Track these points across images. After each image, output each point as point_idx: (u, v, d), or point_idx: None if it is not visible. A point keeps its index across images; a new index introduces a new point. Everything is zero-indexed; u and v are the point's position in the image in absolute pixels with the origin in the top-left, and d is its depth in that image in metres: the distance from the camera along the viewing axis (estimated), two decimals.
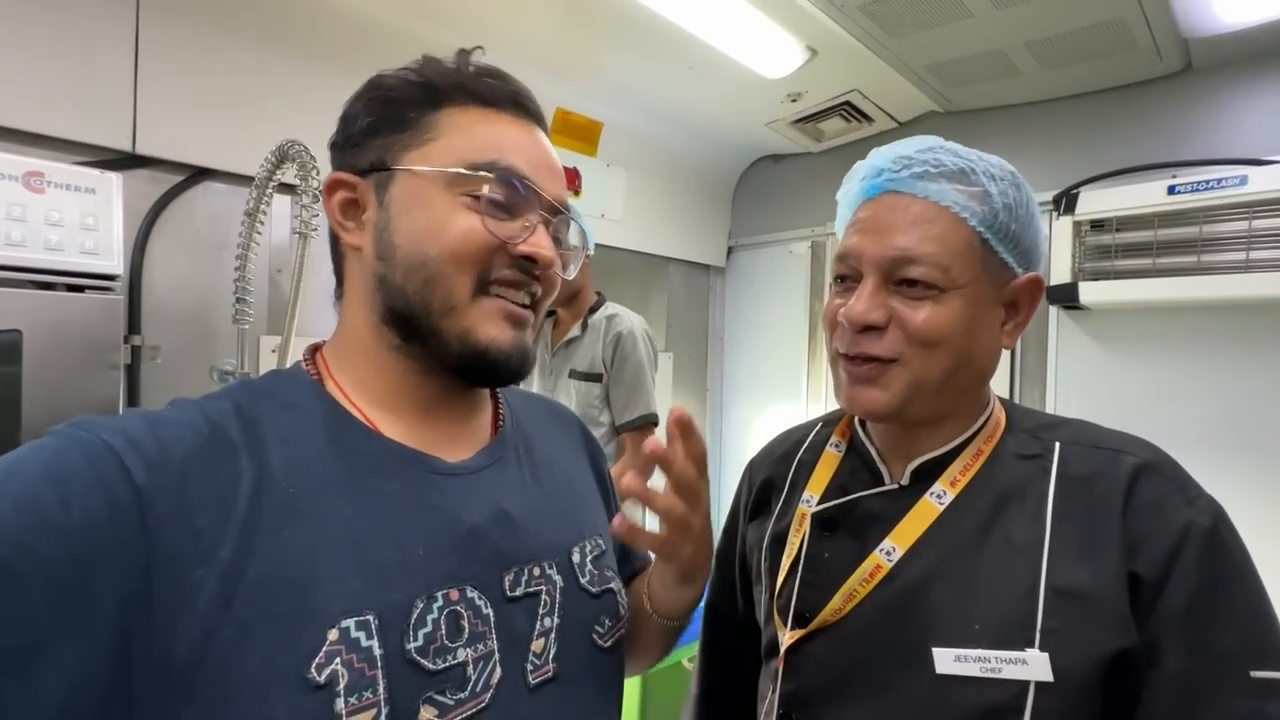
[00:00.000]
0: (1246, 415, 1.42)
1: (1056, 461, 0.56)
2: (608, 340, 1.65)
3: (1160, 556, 0.49)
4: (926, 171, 0.57)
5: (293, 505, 0.41)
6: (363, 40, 1.38)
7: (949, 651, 0.51)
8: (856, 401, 0.58)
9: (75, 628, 0.34)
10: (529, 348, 0.51)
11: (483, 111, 0.50)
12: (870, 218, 0.58)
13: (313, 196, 1.11)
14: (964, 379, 0.57)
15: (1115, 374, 1.58)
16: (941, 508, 0.57)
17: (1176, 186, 1.40)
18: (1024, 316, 0.59)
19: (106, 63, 1.16)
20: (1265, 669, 0.47)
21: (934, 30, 1.43)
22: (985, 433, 0.60)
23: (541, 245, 0.49)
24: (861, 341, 0.56)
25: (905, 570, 0.56)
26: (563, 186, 0.54)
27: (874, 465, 0.63)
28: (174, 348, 1.27)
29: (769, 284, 2.36)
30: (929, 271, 0.54)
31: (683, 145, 2.15)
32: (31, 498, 0.34)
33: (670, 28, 1.45)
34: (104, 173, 0.97)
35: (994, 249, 0.56)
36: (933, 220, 0.55)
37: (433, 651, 0.42)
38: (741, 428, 2.43)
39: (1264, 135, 1.42)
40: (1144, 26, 1.35)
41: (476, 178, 0.48)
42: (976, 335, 0.56)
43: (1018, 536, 0.54)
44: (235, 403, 0.45)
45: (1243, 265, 1.35)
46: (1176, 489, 0.52)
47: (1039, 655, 0.49)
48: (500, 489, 0.51)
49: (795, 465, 0.71)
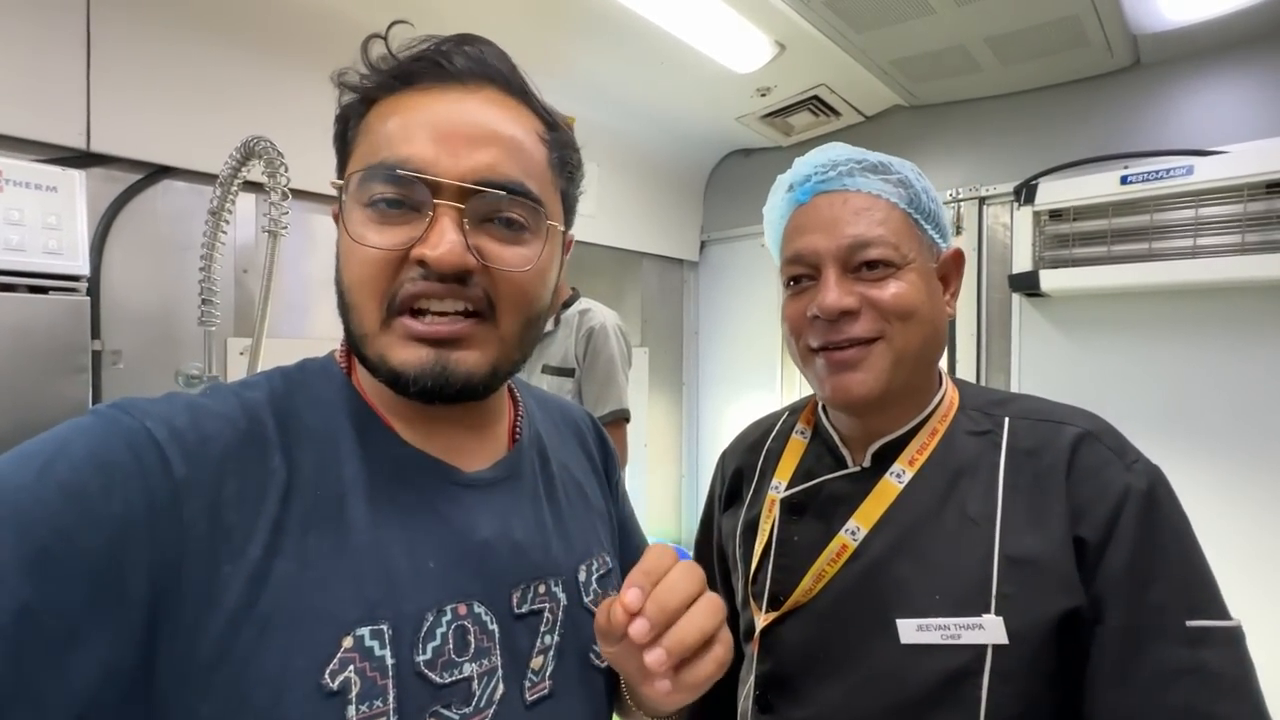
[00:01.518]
0: (1195, 395, 1.49)
1: (1006, 436, 0.59)
2: (580, 335, 1.65)
3: (1101, 520, 0.52)
4: (852, 169, 0.61)
5: (319, 508, 0.41)
6: (328, 33, 1.35)
7: (912, 622, 0.54)
8: (841, 390, 0.59)
9: (108, 618, 0.33)
10: (452, 368, 0.42)
11: (398, 98, 0.44)
12: (812, 219, 0.61)
13: (281, 194, 1.08)
14: (932, 349, 0.61)
15: (1075, 357, 1.65)
16: (901, 486, 0.60)
17: (1129, 177, 1.46)
18: (955, 287, 0.64)
19: (56, 57, 1.11)
20: (1199, 618, 0.50)
21: (898, 26, 1.47)
22: (940, 412, 0.63)
23: (435, 244, 0.40)
24: (841, 327, 0.58)
25: (869, 548, 0.58)
26: (490, 155, 0.43)
27: (837, 450, 0.66)
28: (137, 352, 1.23)
29: (742, 277, 2.38)
30: (885, 251, 0.58)
31: (654, 140, 2.16)
32: (78, 485, 0.34)
33: (640, 22, 1.46)
34: (66, 170, 0.93)
35: (923, 227, 0.61)
36: (871, 208, 0.60)
37: (440, 665, 0.42)
38: (717, 420, 2.46)
39: (1208, 127, 1.48)
40: (1096, 23, 1.40)
41: (367, 186, 0.42)
42: (935, 304, 0.61)
43: (972, 509, 0.57)
44: (271, 394, 0.44)
45: (1190, 251, 1.42)
46: (1115, 455, 0.55)
47: (994, 620, 0.52)
48: (514, 504, 0.50)
49: (764, 454, 0.73)
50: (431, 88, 0.43)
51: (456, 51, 0.44)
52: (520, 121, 0.46)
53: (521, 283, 0.45)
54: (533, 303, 0.46)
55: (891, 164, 0.62)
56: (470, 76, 0.44)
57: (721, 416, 2.44)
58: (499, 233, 0.44)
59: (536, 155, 0.46)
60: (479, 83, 0.44)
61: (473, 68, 0.44)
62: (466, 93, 0.44)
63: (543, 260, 0.46)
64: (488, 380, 0.45)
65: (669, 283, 2.45)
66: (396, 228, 0.42)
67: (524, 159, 0.45)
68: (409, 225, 0.42)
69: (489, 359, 0.45)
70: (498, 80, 0.45)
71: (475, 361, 0.44)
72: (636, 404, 2.24)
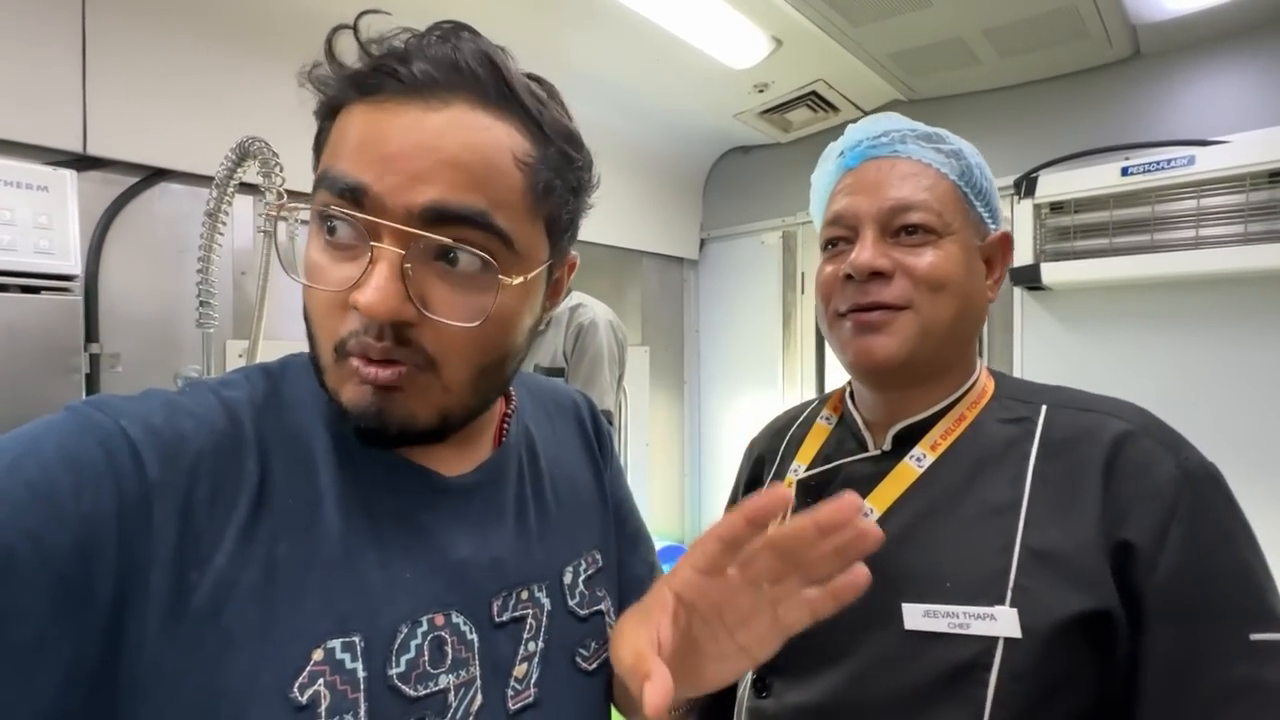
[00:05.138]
0: (1199, 387, 1.48)
1: (1041, 424, 0.56)
2: (569, 331, 1.63)
3: (1151, 522, 0.48)
4: (905, 136, 0.60)
5: (291, 516, 0.40)
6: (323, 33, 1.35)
7: (918, 607, 0.52)
8: (865, 352, 0.57)
9: (74, 621, 0.32)
10: (388, 411, 0.39)
11: (354, 110, 0.39)
12: (858, 180, 0.60)
13: (276, 194, 1.08)
14: (965, 327, 0.59)
15: (1077, 350, 1.64)
16: (920, 470, 0.58)
17: (1129, 168, 1.45)
18: (1000, 273, 0.62)
19: (52, 60, 1.11)
20: (1262, 631, 0.46)
21: (895, 19, 1.46)
22: (970, 398, 0.60)
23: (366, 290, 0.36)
24: (870, 290, 0.56)
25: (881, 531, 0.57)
26: (442, 188, 0.37)
27: (860, 434, 0.64)
28: (135, 355, 1.23)
29: (742, 275, 2.37)
30: (926, 216, 0.56)
31: (652, 138, 2.15)
32: (47, 484, 0.33)
33: (635, 18, 1.45)
34: (57, 169, 0.93)
35: (971, 202, 0.59)
36: (919, 174, 0.58)
37: (414, 678, 0.41)
38: (719, 418, 2.45)
39: (1209, 116, 1.47)
40: (1095, 14, 1.39)
41: (315, 209, 0.39)
42: (973, 281, 0.59)
43: (995, 497, 0.54)
44: (251, 393, 0.43)
45: (1192, 242, 1.41)
46: (1167, 450, 0.51)
47: (1008, 611, 0.49)
48: (495, 509, 0.49)
49: (788, 439, 0.72)
50: (389, 100, 0.38)
51: (422, 56, 0.38)
52: (493, 142, 0.39)
53: (471, 335, 0.39)
54: (488, 351, 0.42)
55: (947, 136, 0.61)
56: (435, 89, 0.38)
57: (723, 414, 2.44)
58: (450, 275, 0.39)
59: (509, 183, 0.39)
60: (446, 95, 0.38)
61: (439, 77, 0.38)
62: (428, 109, 0.37)
63: (505, 307, 0.40)
64: (434, 427, 0.41)
65: (669, 281, 2.45)
66: (342, 262, 0.38)
67: (491, 188, 0.38)
68: (355, 260, 0.38)
69: (432, 407, 0.41)
70: (472, 89, 0.39)
71: (414, 408, 0.40)
72: (637, 403, 2.24)
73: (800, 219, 2.16)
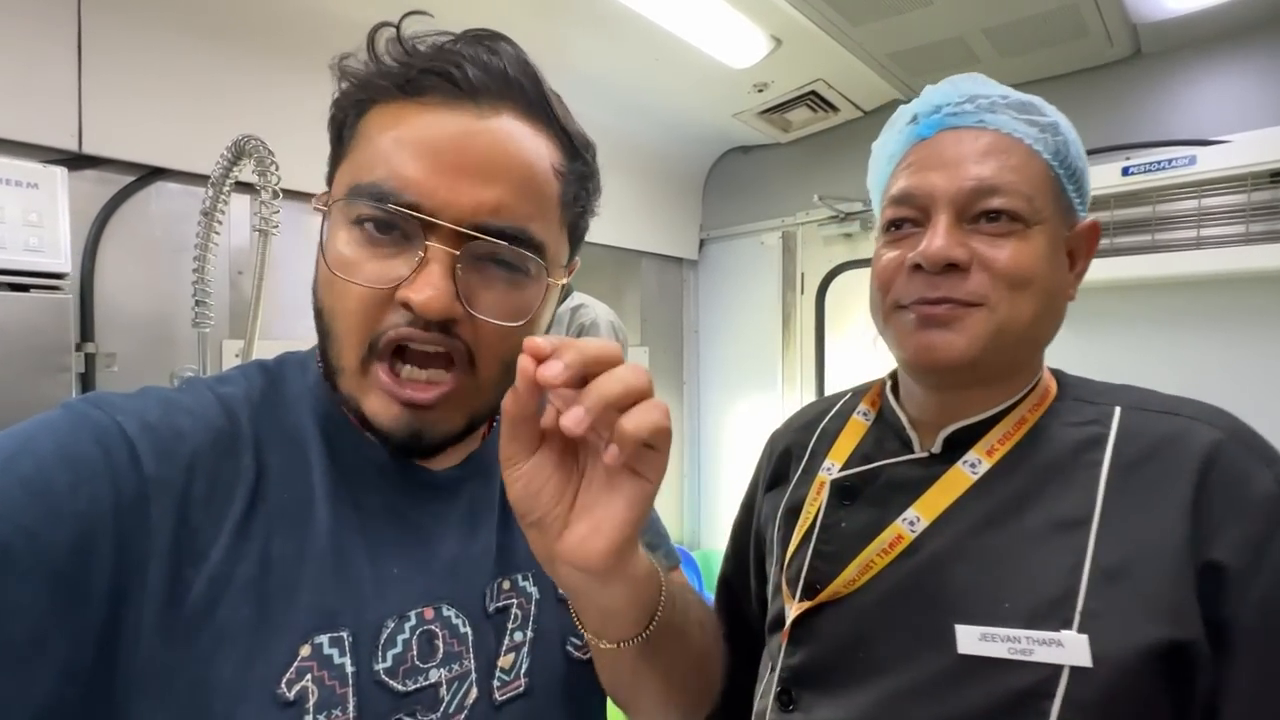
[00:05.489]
0: (1201, 388, 1.47)
1: (1116, 429, 0.50)
2: (571, 331, 1.64)
3: (1245, 541, 0.44)
4: (994, 103, 0.52)
5: (285, 512, 0.40)
6: (320, 31, 1.34)
7: (974, 630, 0.46)
8: (929, 349, 0.50)
9: (71, 617, 0.32)
10: (426, 431, 0.40)
11: (402, 108, 0.39)
12: (932, 154, 0.52)
13: (272, 193, 1.07)
14: (1044, 328, 0.52)
15: (1079, 351, 1.62)
16: (975, 478, 0.52)
17: (1130, 168, 1.44)
18: (1083, 267, 0.55)
19: (48, 59, 1.11)
20: None
21: (894, 18, 1.45)
22: (1031, 400, 0.54)
23: (421, 289, 0.37)
24: (941, 284, 0.49)
25: (929, 542, 0.51)
26: (496, 194, 0.38)
27: (904, 433, 0.58)
28: (131, 354, 1.22)
29: (742, 275, 2.37)
30: (1013, 202, 0.49)
31: (652, 137, 2.15)
32: (43, 481, 0.33)
33: (635, 17, 1.45)
34: (48, 167, 0.93)
35: (1064, 186, 0.52)
36: (1008, 151, 0.50)
37: (402, 673, 0.41)
38: (718, 419, 2.44)
39: (1210, 116, 1.47)
40: (1095, 12, 1.39)
41: (357, 205, 0.38)
42: (1057, 278, 0.51)
43: (1062, 510, 0.48)
44: (247, 391, 0.43)
45: (1193, 242, 1.40)
46: (1262, 463, 0.46)
47: (1077, 637, 0.44)
48: (482, 500, 0.49)
49: (818, 434, 0.66)
50: (440, 105, 0.38)
51: (472, 61, 0.39)
52: (536, 151, 0.41)
53: (509, 333, 0.41)
54: (516, 349, 0.42)
55: (1043, 105, 0.53)
56: (487, 95, 0.39)
57: (722, 415, 2.43)
58: (495, 276, 0.40)
59: (548, 191, 0.42)
60: (496, 103, 0.39)
61: (489, 84, 0.39)
62: (480, 116, 0.38)
63: (539, 310, 0.43)
64: (464, 433, 0.44)
65: (668, 281, 2.44)
66: (385, 260, 0.38)
67: (533, 198, 0.40)
68: (398, 258, 0.38)
69: (466, 414, 0.42)
70: (518, 99, 0.40)
71: (452, 424, 0.42)
72: None
73: (800, 219, 2.15)
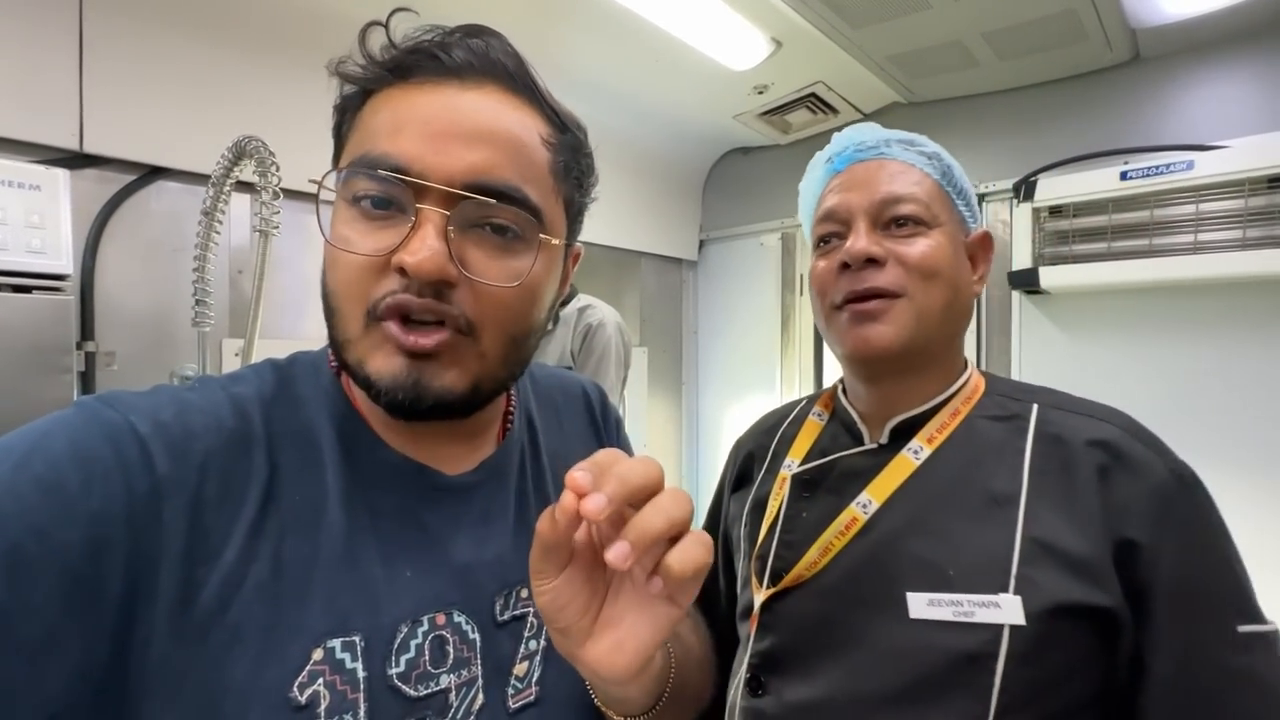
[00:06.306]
0: (1196, 392, 1.48)
1: (1034, 421, 0.58)
2: (578, 331, 1.64)
3: (1150, 520, 0.50)
4: (889, 141, 0.64)
5: (298, 513, 0.40)
6: (319, 31, 1.35)
7: (922, 596, 0.52)
8: (865, 340, 0.58)
9: (84, 616, 0.32)
10: (425, 382, 0.39)
11: (392, 92, 0.41)
12: (848, 179, 0.63)
13: (272, 193, 1.08)
14: (955, 317, 0.61)
15: (1075, 355, 1.63)
16: (918, 463, 0.58)
17: (1128, 172, 1.45)
18: (983, 271, 0.65)
19: (49, 58, 1.11)
20: (1249, 623, 0.49)
21: (894, 21, 1.46)
22: (963, 394, 0.62)
23: (415, 250, 0.37)
24: (865, 277, 0.58)
25: (881, 522, 0.57)
26: (483, 156, 0.39)
27: (855, 428, 0.65)
28: (131, 353, 1.22)
29: (741, 277, 2.37)
30: (916, 208, 0.60)
31: (652, 139, 2.15)
32: (55, 480, 0.33)
33: (636, 19, 1.45)
34: (50, 169, 0.93)
35: (954, 200, 0.63)
36: (905, 172, 0.62)
37: (415, 678, 0.40)
38: (717, 420, 2.44)
39: (1208, 121, 1.47)
40: (1094, 17, 1.39)
41: (353, 180, 0.40)
42: (961, 273, 0.62)
43: (994, 487, 0.55)
44: (260, 390, 0.43)
45: (1191, 247, 1.41)
46: (1156, 454, 0.54)
47: (1012, 599, 0.50)
48: (497, 506, 0.48)
49: (779, 437, 0.72)
50: (427, 82, 0.40)
51: (457, 44, 0.41)
52: (522, 121, 0.42)
53: (507, 299, 0.41)
54: (519, 320, 0.43)
55: (925, 140, 0.66)
56: (470, 71, 0.41)
57: (721, 416, 2.43)
58: (488, 240, 0.40)
59: (537, 159, 0.42)
60: (480, 78, 0.41)
61: (474, 62, 0.41)
62: (464, 88, 0.40)
63: (534, 275, 0.42)
64: (466, 398, 0.42)
65: (668, 282, 2.44)
66: (380, 231, 0.39)
67: (522, 162, 0.41)
68: (393, 228, 0.39)
69: (469, 376, 0.41)
70: (501, 76, 0.42)
71: (453, 379, 0.40)
72: (635, 404, 2.23)
73: (799, 221, 2.16)
